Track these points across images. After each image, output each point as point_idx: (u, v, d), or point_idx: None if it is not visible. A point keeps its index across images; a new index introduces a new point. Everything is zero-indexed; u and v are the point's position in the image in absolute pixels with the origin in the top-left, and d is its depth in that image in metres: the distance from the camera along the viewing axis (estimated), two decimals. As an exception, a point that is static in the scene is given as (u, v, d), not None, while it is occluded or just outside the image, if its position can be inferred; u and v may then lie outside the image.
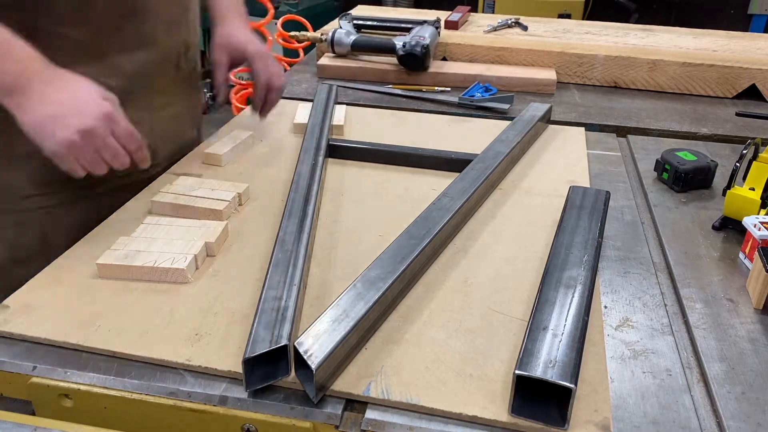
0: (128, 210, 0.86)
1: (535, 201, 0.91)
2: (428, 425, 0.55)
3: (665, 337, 0.67)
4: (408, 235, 0.73)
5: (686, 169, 0.97)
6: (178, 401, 0.58)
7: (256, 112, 1.04)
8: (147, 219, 0.80)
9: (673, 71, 1.40)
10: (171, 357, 0.60)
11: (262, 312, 0.61)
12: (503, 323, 0.66)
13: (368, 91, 1.36)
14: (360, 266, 0.69)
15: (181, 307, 0.67)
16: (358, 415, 0.56)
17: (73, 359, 0.61)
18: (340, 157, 1.03)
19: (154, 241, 0.75)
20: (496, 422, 0.54)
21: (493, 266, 0.75)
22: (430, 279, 0.73)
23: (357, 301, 0.62)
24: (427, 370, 0.59)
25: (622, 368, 0.63)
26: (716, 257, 0.81)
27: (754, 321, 0.69)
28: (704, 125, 1.25)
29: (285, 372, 0.57)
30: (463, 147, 1.02)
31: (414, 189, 0.94)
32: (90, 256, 0.73)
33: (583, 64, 1.43)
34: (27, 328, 0.63)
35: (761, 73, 1.36)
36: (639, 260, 0.80)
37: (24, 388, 0.60)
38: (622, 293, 0.74)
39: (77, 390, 0.59)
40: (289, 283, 0.65)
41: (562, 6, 3.19)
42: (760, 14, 3.44)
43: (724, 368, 0.62)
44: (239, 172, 0.97)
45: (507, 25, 1.64)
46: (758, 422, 0.56)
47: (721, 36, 1.65)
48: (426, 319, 0.66)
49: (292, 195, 0.84)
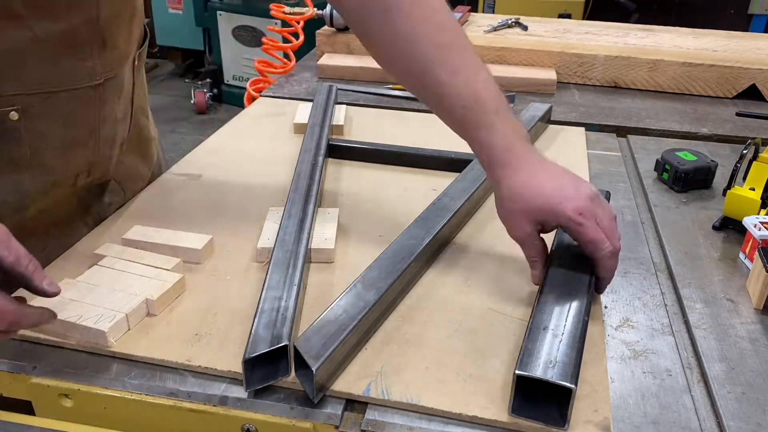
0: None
1: (535, 201, 0.91)
2: (428, 425, 0.55)
3: (665, 337, 0.67)
4: (408, 235, 0.73)
5: (686, 169, 0.97)
6: (178, 401, 0.58)
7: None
8: (104, 260, 0.70)
9: (673, 71, 1.40)
10: (171, 357, 0.60)
11: (262, 312, 0.61)
12: (503, 323, 0.66)
13: (368, 93, 1.36)
14: (360, 266, 0.69)
15: (181, 307, 0.67)
16: (358, 415, 0.56)
17: (73, 359, 0.61)
18: (340, 157, 1.03)
19: (94, 290, 0.65)
20: (496, 422, 0.54)
21: (493, 266, 0.75)
22: (430, 279, 0.73)
23: (357, 301, 0.62)
24: (427, 370, 0.59)
25: (622, 368, 0.63)
26: (716, 257, 0.81)
27: (754, 321, 0.69)
28: (704, 125, 1.25)
29: (285, 372, 0.57)
30: (463, 147, 1.01)
31: (414, 189, 0.94)
32: (86, 256, 0.73)
33: (584, 64, 1.43)
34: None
35: (761, 73, 1.36)
36: (639, 260, 0.80)
37: (24, 388, 0.60)
38: (622, 293, 0.74)
39: (77, 390, 0.59)
40: (289, 283, 0.65)
41: (562, 6, 3.19)
42: (760, 14, 3.44)
43: (724, 368, 0.62)
44: (239, 171, 0.97)
45: (507, 25, 1.64)
46: (758, 422, 0.56)
47: (721, 36, 1.64)
48: (426, 319, 0.66)
49: (292, 195, 0.84)
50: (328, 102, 1.19)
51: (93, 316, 0.62)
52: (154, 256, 0.71)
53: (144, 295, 0.65)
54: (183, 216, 0.84)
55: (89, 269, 0.69)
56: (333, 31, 1.52)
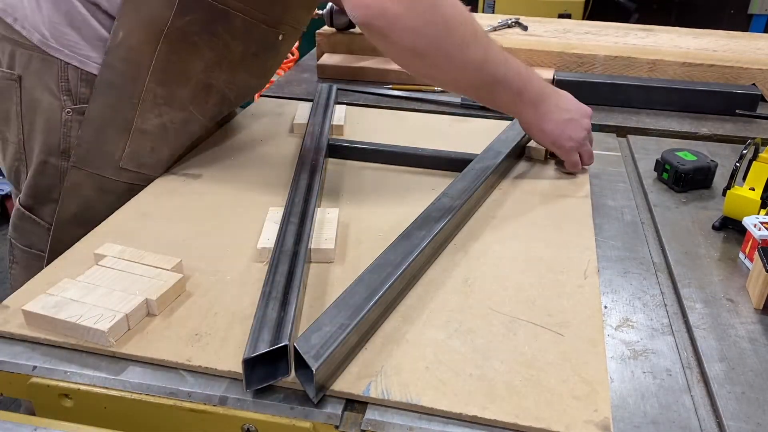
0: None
1: (535, 200, 0.91)
2: (428, 425, 0.55)
3: (665, 337, 0.67)
4: (408, 235, 0.73)
5: (686, 169, 0.97)
6: (178, 401, 0.58)
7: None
8: (105, 260, 0.70)
9: (673, 71, 1.40)
10: (171, 357, 0.60)
11: (262, 312, 0.61)
12: (503, 323, 0.66)
13: (368, 93, 1.36)
14: (360, 266, 0.69)
15: (181, 307, 0.67)
16: (358, 415, 0.56)
17: (73, 359, 0.61)
18: (340, 157, 1.03)
19: (94, 290, 0.65)
20: (496, 422, 0.54)
21: (493, 266, 0.75)
22: (430, 279, 0.73)
23: (357, 301, 0.62)
24: (427, 370, 0.59)
25: (622, 368, 0.63)
26: (716, 257, 0.81)
27: (754, 321, 0.69)
28: (704, 125, 1.25)
29: (285, 372, 0.57)
30: (463, 147, 1.02)
31: (414, 189, 0.94)
32: (87, 256, 0.73)
33: (583, 64, 1.43)
34: (27, 328, 0.63)
35: (761, 73, 1.36)
36: (639, 260, 0.80)
37: (24, 388, 0.60)
38: (622, 293, 0.74)
39: (77, 390, 0.59)
40: (289, 283, 0.65)
41: (562, 6, 3.19)
42: (760, 14, 3.44)
43: (724, 368, 0.62)
44: (239, 172, 0.97)
45: (507, 25, 1.64)
46: (758, 422, 0.56)
47: (721, 36, 1.65)
48: (426, 319, 0.66)
49: (291, 195, 0.84)
50: (328, 102, 1.19)
51: (93, 316, 0.61)
52: (154, 256, 0.71)
53: (144, 295, 0.65)
54: (183, 216, 0.84)
55: (89, 269, 0.69)
56: (333, 31, 1.52)
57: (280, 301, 0.62)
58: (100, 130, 0.88)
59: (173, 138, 0.93)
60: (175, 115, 0.91)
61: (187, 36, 0.86)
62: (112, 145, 0.89)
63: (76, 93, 0.87)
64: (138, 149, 0.90)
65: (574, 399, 0.56)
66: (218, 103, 0.96)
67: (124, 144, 0.89)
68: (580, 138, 0.95)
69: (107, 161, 0.89)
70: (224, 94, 0.96)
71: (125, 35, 0.84)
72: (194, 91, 0.92)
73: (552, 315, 0.67)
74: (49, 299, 0.64)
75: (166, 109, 0.90)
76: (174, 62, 0.88)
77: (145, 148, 0.91)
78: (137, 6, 0.84)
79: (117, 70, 0.86)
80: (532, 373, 0.59)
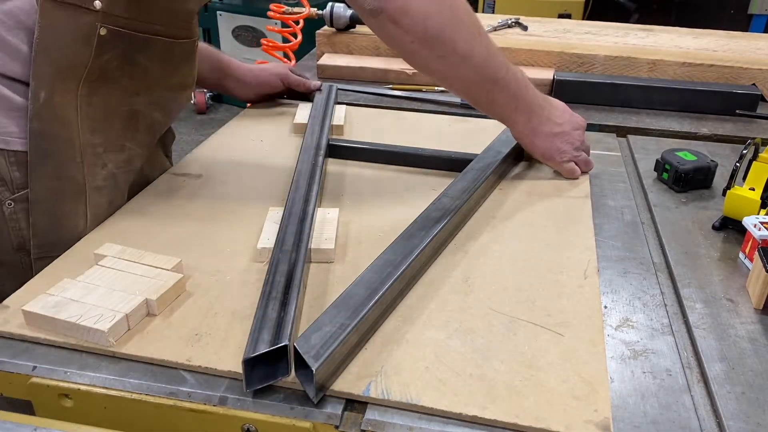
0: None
1: (535, 200, 0.91)
2: (428, 425, 0.55)
3: (665, 337, 0.67)
4: (408, 235, 0.73)
5: (686, 169, 0.97)
6: (178, 401, 0.58)
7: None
8: (105, 260, 0.70)
9: (673, 71, 1.40)
10: (171, 357, 0.60)
11: (262, 312, 0.61)
12: (503, 323, 0.66)
13: (368, 93, 1.36)
14: (360, 266, 0.69)
15: (181, 307, 0.67)
16: (358, 415, 0.56)
17: (73, 359, 0.61)
18: (340, 157, 1.03)
19: (94, 290, 0.65)
20: (496, 422, 0.54)
21: (493, 266, 0.75)
22: (430, 279, 0.73)
23: (357, 301, 0.62)
24: (427, 370, 0.59)
25: (622, 368, 0.63)
26: (716, 257, 0.81)
27: (754, 321, 0.69)
28: (704, 125, 1.25)
29: (285, 372, 0.57)
30: (463, 147, 1.02)
31: (414, 189, 0.94)
32: (86, 256, 0.73)
33: (583, 64, 1.43)
34: (27, 328, 0.63)
35: (761, 73, 1.36)
36: (639, 260, 0.80)
37: (24, 388, 0.60)
38: (622, 293, 0.74)
39: (77, 390, 0.59)
40: (288, 283, 0.65)
41: (562, 6, 3.19)
42: (760, 14, 3.43)
43: (724, 368, 0.62)
44: (239, 172, 0.97)
45: (507, 25, 1.64)
46: (758, 422, 0.56)
47: (721, 36, 1.65)
48: (426, 319, 0.66)
49: (292, 195, 0.84)
50: (328, 102, 1.19)
51: (93, 316, 0.62)
52: (154, 256, 0.71)
53: (144, 295, 0.65)
54: (183, 216, 0.84)
55: (89, 269, 0.69)
56: (333, 31, 1.52)
57: (280, 301, 0.62)
58: (52, 210, 0.78)
59: (123, 183, 0.87)
60: (116, 157, 0.85)
61: (106, 73, 0.79)
62: (72, 219, 0.80)
63: (11, 180, 0.76)
64: (97, 210, 0.83)
65: (574, 399, 0.56)
66: (148, 127, 0.90)
67: (83, 211, 0.81)
68: (570, 151, 0.96)
69: (73, 236, 0.79)
70: (151, 117, 0.90)
71: (47, 94, 0.74)
72: (123, 124, 0.85)
73: (552, 315, 0.67)
74: (49, 299, 0.64)
75: (108, 156, 0.83)
76: (97, 104, 0.80)
77: (103, 205, 0.84)
78: (51, 58, 0.74)
79: (48, 135, 0.76)
80: (532, 373, 0.59)
